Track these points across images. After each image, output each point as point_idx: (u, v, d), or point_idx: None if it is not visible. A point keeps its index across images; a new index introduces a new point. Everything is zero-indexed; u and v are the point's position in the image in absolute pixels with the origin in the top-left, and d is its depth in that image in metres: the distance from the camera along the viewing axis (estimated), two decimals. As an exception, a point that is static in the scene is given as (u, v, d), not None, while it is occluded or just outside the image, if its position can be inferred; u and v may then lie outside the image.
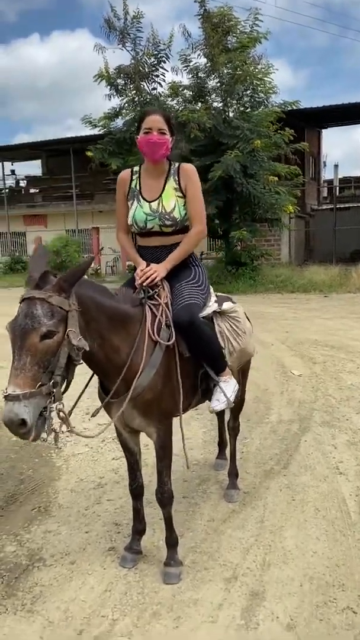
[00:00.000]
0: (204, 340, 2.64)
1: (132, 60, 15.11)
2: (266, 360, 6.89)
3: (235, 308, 2.98)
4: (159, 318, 2.50)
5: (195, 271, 2.78)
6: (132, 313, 2.43)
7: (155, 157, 2.64)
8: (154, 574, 2.62)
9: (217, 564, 2.69)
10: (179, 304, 2.58)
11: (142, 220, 2.67)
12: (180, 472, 3.72)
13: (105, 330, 2.24)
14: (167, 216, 2.65)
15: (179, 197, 2.67)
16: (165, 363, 2.47)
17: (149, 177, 2.71)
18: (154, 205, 2.66)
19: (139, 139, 2.64)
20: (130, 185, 2.73)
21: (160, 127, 2.61)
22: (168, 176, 2.69)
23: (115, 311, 2.33)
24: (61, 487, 3.60)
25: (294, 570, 2.61)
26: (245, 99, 15.63)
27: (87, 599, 2.45)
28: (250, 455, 3.99)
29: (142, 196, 2.69)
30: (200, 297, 2.68)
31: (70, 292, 2.05)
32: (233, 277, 16.04)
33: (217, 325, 2.87)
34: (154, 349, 2.42)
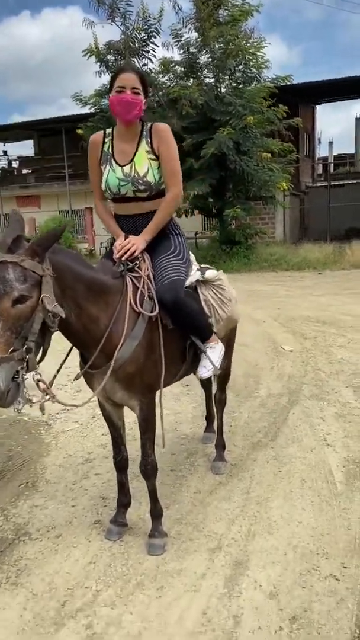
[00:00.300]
0: (190, 315, 2.60)
1: (122, 35, 14.83)
2: (258, 336, 6.88)
3: (220, 276, 2.94)
4: (141, 290, 2.45)
5: (175, 241, 2.72)
6: (112, 284, 2.38)
7: (128, 117, 2.52)
8: (139, 546, 2.62)
9: (202, 534, 2.69)
10: (162, 280, 2.51)
11: (115, 185, 2.58)
12: (169, 445, 3.73)
13: (82, 300, 2.20)
14: (140, 180, 2.55)
15: (151, 159, 2.57)
16: (148, 335, 2.42)
17: (122, 139, 2.60)
18: (126, 170, 2.56)
19: (111, 98, 2.52)
20: (102, 149, 2.63)
21: (134, 86, 2.49)
22: (140, 138, 2.58)
23: (94, 281, 2.28)
24: (49, 462, 3.59)
25: (279, 540, 2.62)
26: (238, 74, 15.40)
27: (72, 571, 2.46)
28: (239, 429, 3.99)
29: (115, 160, 2.59)
30: (182, 270, 2.62)
31: (44, 256, 2.00)
32: (227, 256, 15.96)
33: (202, 294, 2.83)
34: (137, 321, 2.38)
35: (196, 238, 19.44)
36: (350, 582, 2.31)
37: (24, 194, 27.00)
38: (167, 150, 2.58)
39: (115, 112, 2.53)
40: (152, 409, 2.52)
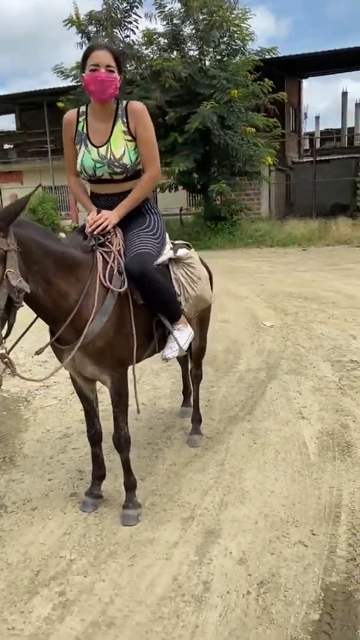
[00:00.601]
0: (157, 289, 2.57)
1: (103, 5, 14.48)
2: (239, 312, 6.92)
3: (191, 254, 2.93)
4: (111, 265, 2.44)
5: (150, 219, 2.70)
6: (82, 258, 2.37)
7: (103, 96, 2.46)
8: (113, 517, 2.67)
9: (175, 505, 2.74)
10: (131, 253, 2.50)
11: (91, 167, 2.54)
12: (147, 419, 3.78)
13: (51, 275, 2.19)
14: (117, 163, 2.51)
15: (128, 141, 2.52)
16: (118, 310, 2.42)
17: (96, 119, 2.54)
18: (102, 151, 2.51)
19: (85, 77, 2.45)
20: (77, 128, 2.57)
21: (108, 64, 2.43)
22: (116, 118, 2.52)
23: (62, 255, 2.26)
24: (27, 438, 3.62)
25: (250, 509, 2.68)
26: (222, 47, 15.21)
27: (47, 542, 2.50)
28: (216, 403, 4.03)
29: (90, 140, 2.53)
30: (153, 246, 2.60)
31: (7, 231, 1.99)
32: (212, 232, 15.93)
33: (173, 273, 2.83)
34: (106, 296, 2.38)
35: (181, 214, 19.34)
36: (318, 548, 2.37)
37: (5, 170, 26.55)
38: (145, 132, 2.54)
39: (90, 92, 2.46)
40: (124, 382, 2.54)
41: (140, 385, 4.40)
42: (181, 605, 2.07)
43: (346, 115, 29.49)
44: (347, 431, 3.46)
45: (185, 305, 2.85)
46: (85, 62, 2.46)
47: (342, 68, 23.75)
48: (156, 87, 14.00)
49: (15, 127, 29.00)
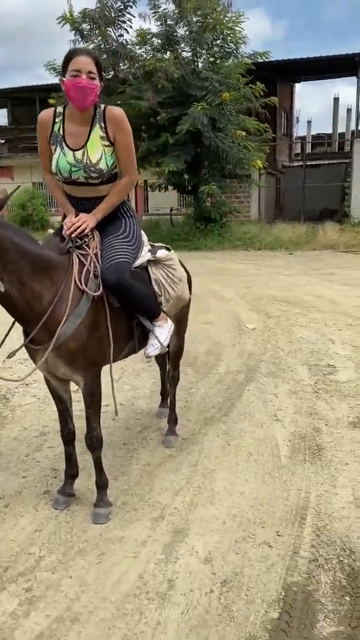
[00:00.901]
0: (133, 296, 2.61)
1: (97, 4, 14.48)
2: (223, 314, 6.98)
3: (171, 256, 2.98)
4: (87, 267, 2.48)
5: (126, 223, 2.73)
6: (57, 260, 2.41)
7: (84, 104, 2.46)
8: (84, 515, 2.71)
9: (146, 504, 2.79)
10: (107, 262, 2.52)
11: (66, 170, 2.55)
12: (124, 420, 3.82)
13: (26, 276, 2.22)
14: (93, 168, 2.52)
15: (105, 146, 2.54)
16: (93, 313, 2.45)
17: (74, 121, 2.55)
18: (78, 155, 2.52)
19: (66, 82, 2.44)
20: (52, 129, 2.57)
21: (90, 70, 2.43)
22: (94, 122, 2.53)
23: (38, 257, 2.30)
24: (4, 435, 3.64)
25: (219, 510, 2.73)
26: (215, 49, 15.26)
27: (17, 539, 2.53)
28: (194, 404, 4.08)
29: (66, 143, 2.54)
30: (129, 253, 2.62)
31: None
32: (201, 233, 15.99)
33: (152, 274, 2.87)
34: (81, 299, 2.41)
35: (171, 214, 19.38)
36: (282, 549, 2.43)
37: (-4, 165, 26.43)
38: (124, 138, 2.55)
39: (70, 97, 2.45)
40: (97, 383, 2.58)
41: (120, 385, 4.47)
42: (145, 602, 2.12)
43: (337, 121, 29.72)
44: (318, 434, 3.53)
45: (166, 305, 2.91)
46: (67, 66, 2.45)
47: (334, 74, 23.93)
48: (149, 87, 14.04)
49: (7, 122, 28.88)
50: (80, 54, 2.47)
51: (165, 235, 16.47)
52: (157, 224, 18.32)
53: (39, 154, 2.70)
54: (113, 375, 2.69)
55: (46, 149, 2.63)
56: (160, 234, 16.57)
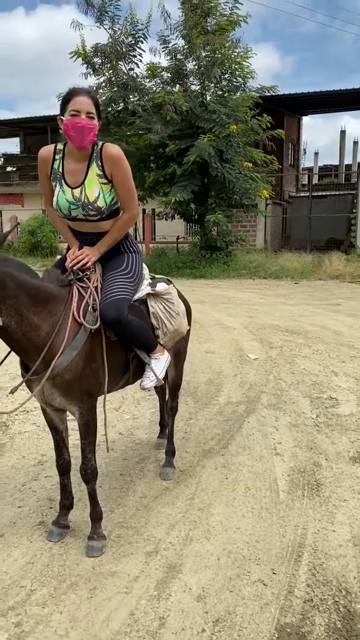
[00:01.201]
0: (131, 332, 2.63)
1: (109, 39, 14.89)
2: (225, 344, 6.98)
3: (169, 290, 3.01)
4: (87, 300, 2.51)
5: (127, 258, 2.76)
6: (57, 293, 2.44)
7: (83, 143, 2.49)
8: (78, 548, 2.69)
9: (141, 538, 2.76)
10: (107, 298, 2.55)
11: (66, 207, 2.59)
12: (122, 450, 3.81)
13: (24, 308, 2.25)
14: (90, 206, 2.56)
15: (103, 183, 2.56)
16: (90, 345, 2.47)
17: (73, 158, 2.58)
18: (76, 193, 2.56)
19: (65, 122, 2.46)
20: (52, 166, 2.62)
21: (89, 111, 2.47)
22: (91, 160, 2.56)
23: (37, 290, 2.34)
24: (2, 463, 3.63)
25: (214, 545, 2.70)
26: (223, 83, 15.57)
27: (9, 571, 2.51)
28: (193, 435, 4.07)
29: (65, 181, 2.58)
30: (129, 289, 2.66)
31: None
32: (207, 261, 16.09)
33: (151, 307, 2.90)
34: (78, 331, 2.43)
35: (177, 242, 19.55)
36: (277, 587, 2.39)
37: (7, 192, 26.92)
38: (122, 177, 2.58)
39: (69, 137, 2.49)
40: (92, 414, 2.58)
41: (119, 414, 4.47)
42: (135, 640, 2.09)
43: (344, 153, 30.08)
44: (318, 469, 3.50)
45: (163, 338, 2.93)
46: (66, 105, 2.49)
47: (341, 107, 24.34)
48: (158, 120, 14.32)
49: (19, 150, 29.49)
50: (80, 94, 2.50)
51: (171, 262, 16.61)
52: (163, 252, 18.47)
53: (41, 188, 2.76)
54: (113, 404, 2.71)
55: (47, 185, 2.68)
56: (166, 262, 16.71)
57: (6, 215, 26.01)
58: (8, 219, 24.96)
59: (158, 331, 2.91)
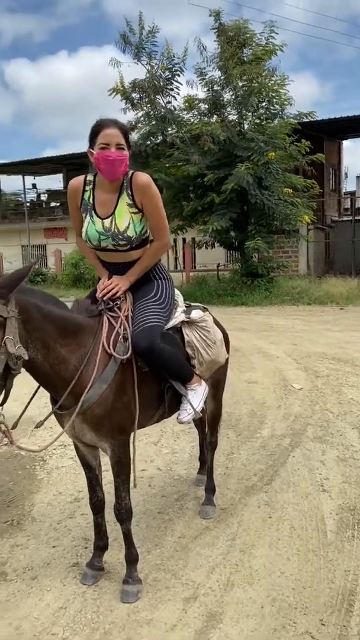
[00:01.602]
0: (165, 361, 2.53)
1: (147, 74, 15.26)
2: (268, 373, 6.79)
3: (205, 317, 2.89)
4: (117, 330, 2.44)
5: (158, 285, 2.68)
6: (86, 324, 2.38)
7: (115, 176, 2.44)
8: (113, 592, 2.56)
9: (179, 582, 2.61)
10: (138, 326, 2.46)
11: (96, 238, 2.55)
12: (160, 486, 3.68)
13: (51, 341, 2.19)
14: (120, 236, 2.51)
15: (133, 213, 2.51)
16: (120, 378, 2.38)
17: (103, 189, 2.55)
18: (106, 224, 2.51)
19: (96, 155, 2.42)
20: (82, 197, 2.59)
21: (118, 142, 2.41)
22: (122, 190, 2.51)
23: (65, 321, 2.28)
24: (38, 500, 3.56)
25: (258, 592, 2.52)
26: (261, 111, 15.64)
27: (41, 616, 2.40)
28: (235, 471, 3.89)
29: (95, 212, 2.54)
30: (161, 317, 2.57)
31: (8, 298, 2.01)
32: (248, 288, 15.93)
33: (186, 335, 2.80)
34: (108, 363, 2.35)
35: (218, 270, 19.51)
36: (326, 641, 2.19)
37: (51, 226, 27.69)
38: (152, 205, 2.52)
39: (100, 170, 2.45)
40: (125, 451, 2.47)
41: (158, 448, 4.34)
42: None
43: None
44: (369, 508, 3.27)
45: (199, 368, 2.81)
46: (95, 138, 2.46)
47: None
48: (195, 150, 14.47)
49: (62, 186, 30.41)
50: (108, 126, 2.44)
51: (212, 290, 16.55)
52: (204, 280, 18.45)
53: (72, 222, 2.73)
54: (152, 438, 2.61)
55: (77, 216, 2.65)
56: (207, 290, 16.67)
57: (50, 248, 26.70)
58: (52, 252, 25.60)
59: (194, 361, 2.80)
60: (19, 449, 2.28)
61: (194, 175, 14.98)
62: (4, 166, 29.48)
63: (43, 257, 27.76)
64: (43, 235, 28.29)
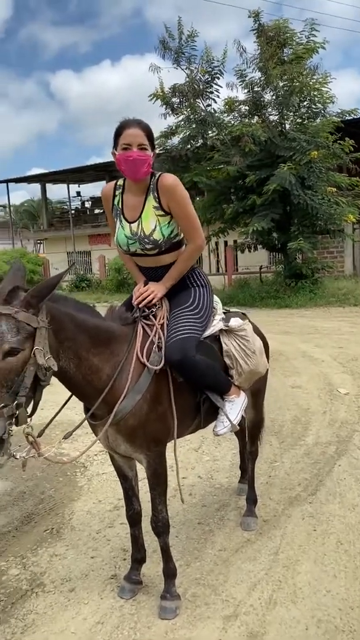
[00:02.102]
0: (199, 374, 2.44)
1: (186, 78, 15.22)
2: (313, 377, 6.60)
3: (244, 326, 2.77)
4: (152, 339, 2.37)
5: (196, 293, 2.58)
6: (119, 332, 2.32)
7: (136, 176, 2.39)
8: (151, 607, 2.48)
9: (219, 599, 2.51)
10: (171, 337, 2.38)
11: (125, 243, 2.49)
12: (201, 495, 3.59)
13: (83, 350, 2.14)
14: (147, 239, 2.44)
15: (160, 216, 2.44)
16: (154, 388, 2.31)
17: (131, 193, 2.49)
18: (134, 227, 2.45)
19: (118, 156, 2.38)
20: (113, 202, 2.55)
21: (140, 143, 2.36)
22: (148, 192, 2.44)
23: (98, 330, 2.22)
24: (78, 508, 3.53)
25: (302, 611, 2.40)
26: (302, 110, 15.36)
27: (77, 631, 2.35)
28: (277, 480, 3.76)
29: (124, 216, 2.50)
30: (196, 327, 2.47)
31: (39, 307, 1.97)
32: (292, 290, 15.62)
33: (224, 344, 2.69)
34: (142, 372, 2.29)
35: (260, 272, 19.27)
36: (376, 668, 2.05)
37: (95, 233, 28.04)
38: (179, 207, 2.45)
39: (122, 171, 2.41)
40: (161, 462, 2.40)
41: (198, 455, 4.26)
42: None
43: None
44: None
45: (238, 379, 2.70)
46: (117, 139, 2.41)
47: None
48: (236, 152, 14.32)
49: (106, 193, 30.72)
50: (130, 127, 2.39)
51: (254, 293, 16.33)
52: (246, 282, 18.24)
53: (109, 225, 2.68)
54: (192, 444, 2.54)
55: (112, 221, 2.61)
56: (249, 292, 16.46)
57: (95, 254, 27.06)
58: (96, 258, 25.93)
59: (232, 371, 2.69)
60: (48, 460, 2.23)
61: (235, 177, 14.84)
62: (49, 175, 30.14)
63: (87, 263, 28.15)
64: (87, 242, 28.71)
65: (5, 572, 2.84)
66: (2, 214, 43.66)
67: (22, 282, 2.07)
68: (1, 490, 3.84)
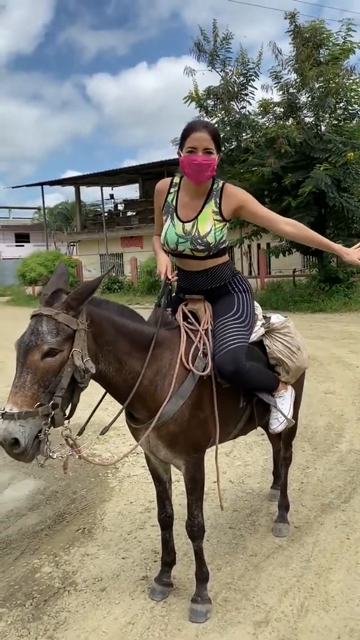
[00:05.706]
0: (251, 379, 2.47)
1: (221, 81, 15.22)
2: (347, 383, 6.50)
3: (286, 323, 2.76)
4: (197, 344, 2.37)
5: (239, 300, 2.57)
6: (162, 336, 2.31)
7: (200, 180, 2.40)
8: (181, 610, 2.49)
9: (250, 604, 2.50)
10: (221, 348, 2.38)
11: (174, 241, 2.49)
12: (232, 500, 3.58)
13: (123, 354, 2.15)
14: (200, 240, 2.44)
15: (217, 220, 2.45)
16: (198, 394, 2.32)
17: (188, 193, 2.49)
18: (187, 227, 2.45)
19: (182, 159, 2.39)
20: (166, 199, 2.55)
21: (206, 147, 2.35)
22: (209, 197, 2.45)
23: (140, 334, 2.23)
24: (109, 509, 3.57)
25: (334, 620, 2.36)
26: (338, 112, 15.18)
27: (109, 630, 2.37)
28: (310, 487, 3.72)
29: (177, 214, 2.50)
30: (243, 335, 2.47)
31: (80, 310, 2.00)
32: (326, 294, 15.43)
33: (268, 347, 2.70)
34: (186, 378, 2.29)
35: (294, 276, 19.09)
36: None
37: (127, 235, 28.28)
38: (254, 208, 2.54)
39: (186, 173, 2.42)
40: (200, 469, 2.40)
41: (230, 459, 4.24)
42: None
43: None
44: None
45: (285, 376, 2.73)
46: (184, 141, 2.40)
47: None
48: (271, 154, 14.23)
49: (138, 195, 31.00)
50: (198, 130, 2.38)
51: (287, 297, 16.19)
52: (279, 286, 18.10)
53: (155, 218, 2.70)
54: (224, 449, 2.58)
55: (159, 217, 2.61)
56: (282, 296, 16.33)
57: (127, 257, 27.28)
58: (128, 260, 26.13)
59: (279, 368, 2.71)
60: (88, 462, 2.26)
61: (269, 179, 14.74)
62: (83, 178, 30.54)
63: (120, 266, 28.40)
64: (120, 244, 28.98)
65: (39, 569, 2.88)
66: (36, 216, 44.39)
67: (64, 285, 2.11)
68: (34, 489, 3.91)
